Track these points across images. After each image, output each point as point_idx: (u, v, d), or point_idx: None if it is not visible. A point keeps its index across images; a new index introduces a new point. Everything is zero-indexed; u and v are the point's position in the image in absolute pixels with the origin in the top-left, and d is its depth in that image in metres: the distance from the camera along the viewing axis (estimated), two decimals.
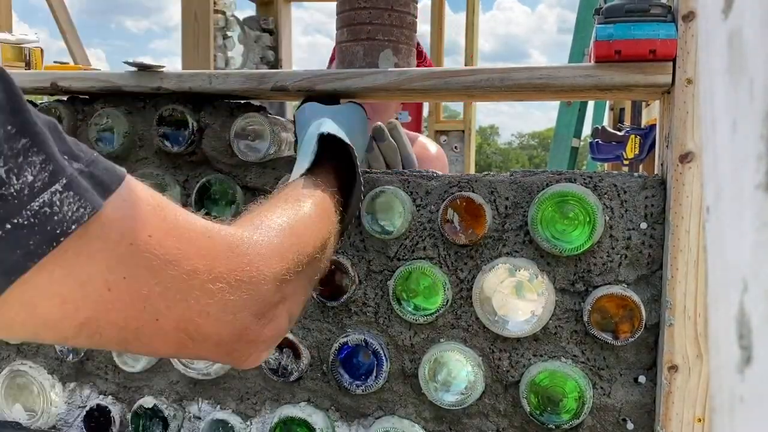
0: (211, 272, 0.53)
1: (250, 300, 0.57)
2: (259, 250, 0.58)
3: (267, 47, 3.38)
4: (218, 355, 0.58)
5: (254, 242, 0.59)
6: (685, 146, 0.76)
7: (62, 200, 0.43)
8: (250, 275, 0.56)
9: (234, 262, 0.56)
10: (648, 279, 0.81)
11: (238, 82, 0.90)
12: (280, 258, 0.60)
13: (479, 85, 0.83)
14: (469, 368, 0.85)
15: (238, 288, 0.55)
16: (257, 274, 0.57)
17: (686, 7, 0.75)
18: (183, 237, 0.52)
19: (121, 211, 0.48)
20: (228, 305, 0.55)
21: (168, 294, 0.51)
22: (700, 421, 0.77)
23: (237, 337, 0.57)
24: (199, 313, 0.53)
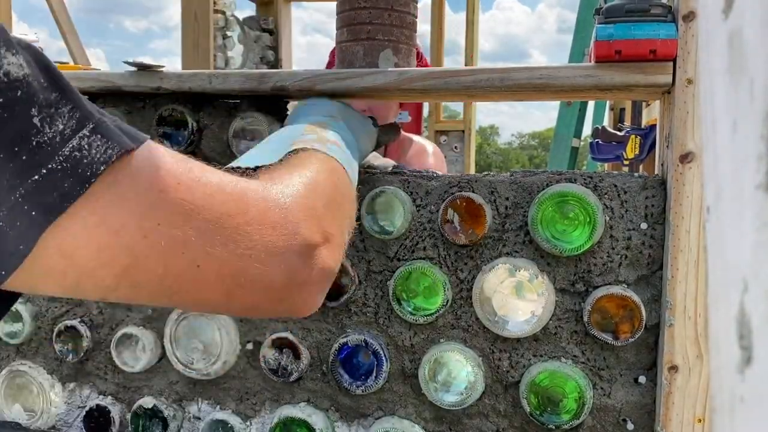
0: (245, 215, 0.54)
1: (291, 239, 0.56)
2: (288, 196, 0.59)
3: (267, 47, 3.38)
4: (272, 303, 0.58)
5: (281, 191, 0.59)
6: (685, 146, 0.76)
7: (90, 144, 0.46)
8: (285, 217, 0.57)
9: (266, 205, 0.56)
10: (648, 279, 0.81)
11: (238, 82, 0.90)
12: (309, 201, 0.60)
13: (479, 85, 0.83)
14: (469, 368, 0.85)
15: (275, 229, 0.55)
16: (292, 216, 0.57)
17: (686, 7, 0.75)
18: (211, 184, 0.53)
19: (148, 160, 0.50)
20: (269, 246, 0.55)
21: (205, 237, 0.51)
22: (700, 421, 0.77)
23: (286, 279, 0.56)
24: (240, 256, 0.53)
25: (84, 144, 0.46)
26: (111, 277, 0.49)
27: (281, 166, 0.67)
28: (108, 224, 0.47)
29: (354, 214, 0.73)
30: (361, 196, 0.89)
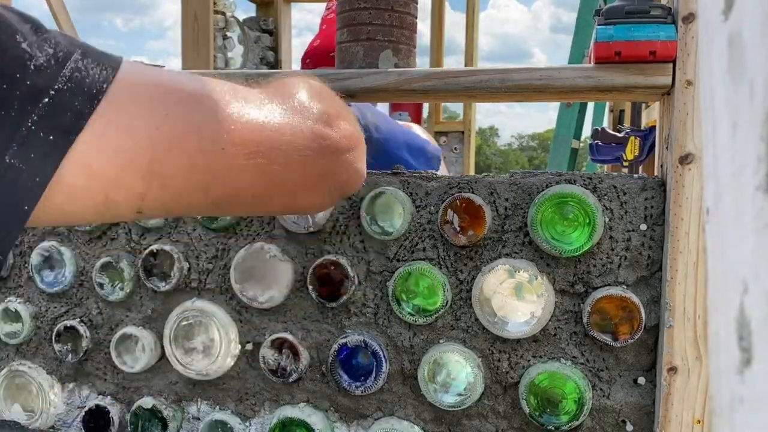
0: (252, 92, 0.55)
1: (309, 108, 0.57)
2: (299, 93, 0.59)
3: (267, 48, 3.38)
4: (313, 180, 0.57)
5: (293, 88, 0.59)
6: (684, 148, 0.76)
7: (86, 66, 0.47)
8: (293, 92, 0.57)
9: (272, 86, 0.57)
10: (648, 280, 0.81)
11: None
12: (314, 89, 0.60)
13: (479, 86, 0.83)
14: (468, 369, 0.85)
15: (289, 99, 0.56)
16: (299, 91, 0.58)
17: (686, 9, 0.75)
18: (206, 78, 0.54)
19: (136, 68, 0.51)
20: (289, 112, 0.55)
21: (219, 116, 0.51)
22: (699, 422, 0.77)
23: (317, 145, 0.56)
24: (262, 126, 0.53)
25: (81, 66, 0.47)
26: (138, 180, 0.48)
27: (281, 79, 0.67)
28: (118, 128, 0.47)
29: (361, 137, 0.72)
30: (361, 196, 0.89)
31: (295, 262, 0.92)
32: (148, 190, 0.49)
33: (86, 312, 1.02)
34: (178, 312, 0.95)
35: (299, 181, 0.56)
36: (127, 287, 0.98)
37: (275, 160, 0.53)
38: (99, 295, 1.00)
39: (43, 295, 1.03)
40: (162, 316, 0.97)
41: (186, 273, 0.96)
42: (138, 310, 0.99)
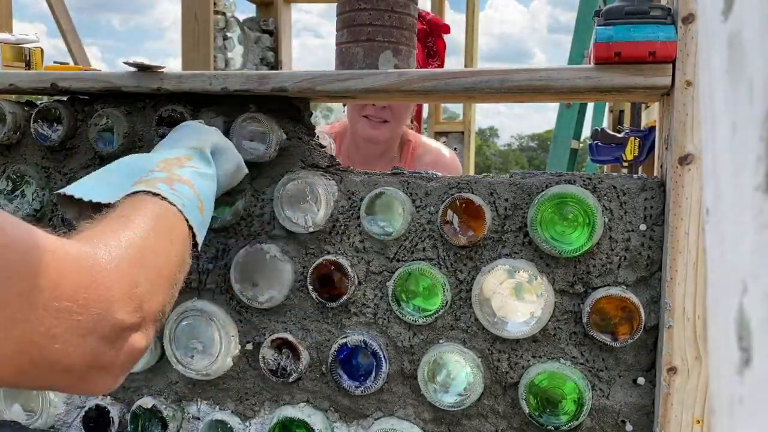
0: (56, 289, 0.50)
1: (101, 321, 0.52)
2: (108, 267, 0.54)
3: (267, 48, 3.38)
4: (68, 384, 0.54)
5: (103, 259, 0.54)
6: (684, 148, 0.76)
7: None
8: (99, 294, 0.52)
9: (82, 280, 0.52)
10: (647, 281, 0.81)
11: (238, 82, 0.90)
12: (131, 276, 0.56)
13: (479, 87, 0.83)
14: (468, 369, 0.85)
15: (86, 308, 0.51)
16: (107, 293, 0.53)
17: (686, 9, 0.75)
18: (25, 251, 0.49)
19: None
20: (75, 327, 0.51)
21: (7, 311, 0.47)
22: (699, 422, 0.77)
23: (88, 363, 0.52)
24: (43, 335, 0.49)
25: None
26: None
27: (109, 221, 0.62)
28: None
29: (188, 261, 0.69)
30: (361, 197, 0.89)
31: (295, 262, 0.92)
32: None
33: None
34: (178, 312, 0.95)
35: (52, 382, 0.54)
36: None
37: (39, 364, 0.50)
38: None
39: None
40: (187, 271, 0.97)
41: (186, 273, 0.96)
42: None
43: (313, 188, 0.90)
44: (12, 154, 1.03)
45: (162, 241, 0.64)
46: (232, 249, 0.95)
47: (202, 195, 0.74)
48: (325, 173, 0.92)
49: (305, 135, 0.93)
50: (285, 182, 0.91)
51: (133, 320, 0.55)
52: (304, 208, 0.91)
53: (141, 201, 0.67)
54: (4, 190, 1.01)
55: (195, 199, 0.72)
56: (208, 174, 0.78)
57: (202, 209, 0.73)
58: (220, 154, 0.84)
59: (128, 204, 0.66)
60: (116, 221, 0.62)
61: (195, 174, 0.76)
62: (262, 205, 0.94)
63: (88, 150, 0.99)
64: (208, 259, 0.96)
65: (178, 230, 0.68)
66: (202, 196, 0.74)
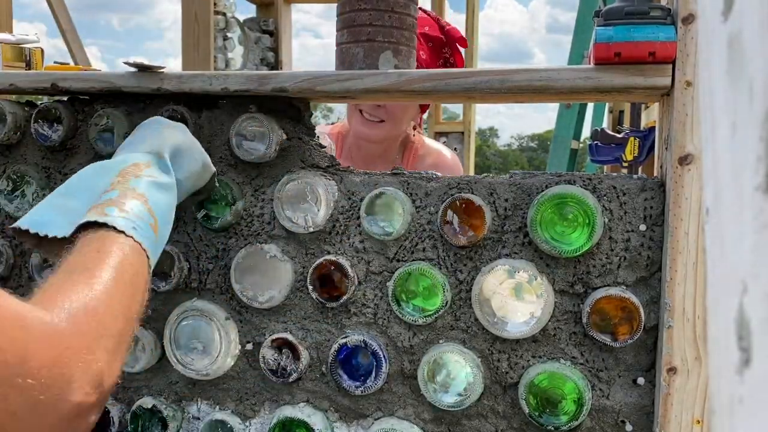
0: (22, 366, 0.50)
1: (61, 402, 0.53)
2: (71, 343, 0.55)
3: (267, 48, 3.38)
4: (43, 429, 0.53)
5: (66, 332, 0.55)
6: (684, 148, 0.76)
7: None
8: (62, 374, 0.53)
9: (47, 357, 0.52)
10: (647, 281, 0.81)
11: (239, 83, 0.90)
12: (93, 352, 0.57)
13: (479, 87, 0.83)
14: (468, 369, 0.86)
15: (48, 387, 0.52)
16: (68, 372, 0.53)
17: (686, 10, 0.75)
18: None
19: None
20: (37, 406, 0.51)
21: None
22: (698, 423, 0.77)
23: (73, 410, 0.53)
24: (4, 412, 0.49)
25: None
26: None
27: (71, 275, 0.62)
28: None
29: (147, 294, 0.70)
30: (361, 197, 0.89)
31: (295, 262, 0.92)
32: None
33: None
34: (178, 312, 0.95)
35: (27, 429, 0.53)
36: None
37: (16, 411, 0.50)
38: None
39: None
40: (162, 316, 0.97)
41: (186, 273, 0.96)
42: None
43: (313, 188, 0.90)
44: (12, 154, 1.03)
45: (126, 299, 0.65)
46: (232, 249, 0.95)
47: (156, 210, 0.74)
48: (325, 173, 0.92)
49: (305, 135, 0.93)
50: (285, 182, 0.91)
51: (91, 400, 0.56)
52: (304, 208, 0.91)
53: (102, 242, 0.67)
54: (4, 190, 1.01)
55: (148, 217, 0.72)
56: (165, 184, 0.77)
57: (155, 227, 0.73)
58: (183, 156, 0.83)
59: (91, 246, 0.66)
60: (79, 275, 0.62)
61: (151, 185, 0.75)
62: (262, 205, 0.94)
63: (88, 150, 0.99)
64: (208, 259, 0.96)
65: (138, 270, 0.68)
66: (156, 211, 0.74)
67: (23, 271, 1.04)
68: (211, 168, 0.87)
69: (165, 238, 0.76)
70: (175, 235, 0.97)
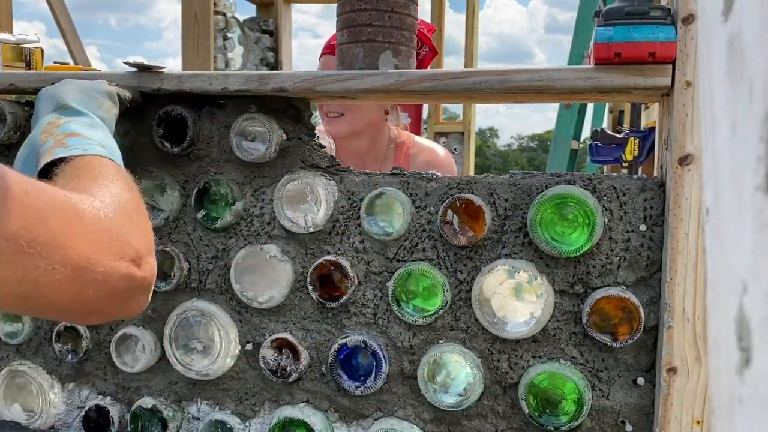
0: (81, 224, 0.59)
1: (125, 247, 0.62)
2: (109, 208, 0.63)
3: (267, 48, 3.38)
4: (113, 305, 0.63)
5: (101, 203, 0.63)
6: (684, 149, 0.76)
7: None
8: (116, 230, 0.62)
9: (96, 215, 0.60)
10: (647, 281, 0.81)
11: (239, 83, 0.90)
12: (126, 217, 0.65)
13: (479, 87, 0.83)
14: (468, 370, 0.85)
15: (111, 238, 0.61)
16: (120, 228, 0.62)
17: (686, 10, 0.75)
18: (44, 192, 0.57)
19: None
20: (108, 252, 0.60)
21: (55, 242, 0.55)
22: (698, 423, 0.77)
23: (126, 284, 0.61)
24: (88, 259, 0.58)
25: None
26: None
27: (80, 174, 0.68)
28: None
29: None
30: (361, 197, 0.89)
31: (295, 262, 0.92)
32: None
33: None
34: (178, 312, 0.95)
35: (104, 306, 0.62)
36: None
37: (90, 286, 0.59)
38: None
39: None
40: (162, 316, 0.97)
41: (186, 273, 0.96)
42: None
43: (313, 188, 0.90)
44: (12, 154, 1.03)
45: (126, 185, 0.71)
46: (232, 249, 0.95)
47: (94, 138, 0.77)
48: (325, 173, 0.92)
49: (305, 135, 0.93)
50: (285, 182, 0.91)
51: (144, 248, 0.65)
52: (304, 208, 0.91)
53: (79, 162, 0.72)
54: None
55: (90, 143, 0.75)
56: (85, 121, 0.79)
57: (102, 146, 0.77)
58: (87, 99, 0.83)
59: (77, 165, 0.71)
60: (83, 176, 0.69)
61: (77, 124, 0.78)
62: (262, 205, 0.94)
63: None
64: (208, 259, 0.96)
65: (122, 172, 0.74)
66: (95, 138, 0.77)
67: None
68: (118, 91, 0.87)
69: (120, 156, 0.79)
70: (175, 235, 0.97)
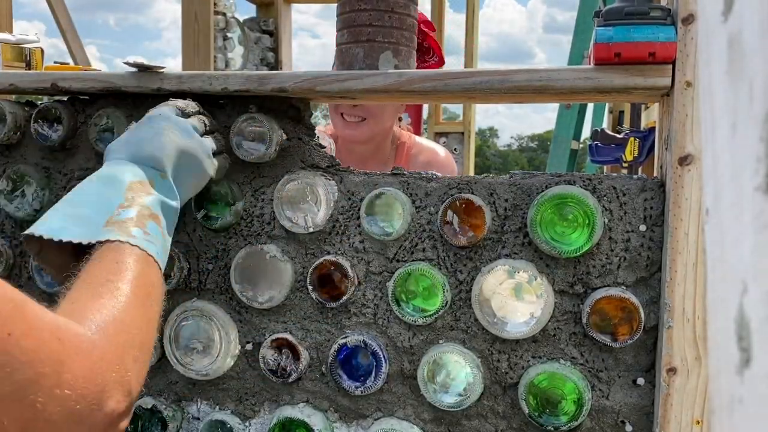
0: (59, 377, 0.53)
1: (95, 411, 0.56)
2: (103, 355, 0.58)
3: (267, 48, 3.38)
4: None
5: (99, 344, 0.58)
6: (684, 149, 0.76)
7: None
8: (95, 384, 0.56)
9: (82, 368, 0.55)
10: (647, 281, 0.81)
11: (239, 83, 0.90)
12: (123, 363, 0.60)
13: (479, 87, 0.83)
14: (468, 370, 0.86)
15: (83, 397, 0.55)
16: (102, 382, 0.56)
17: (686, 10, 0.75)
18: (39, 338, 0.52)
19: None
20: (72, 414, 0.54)
21: (18, 395, 0.51)
22: (698, 423, 0.77)
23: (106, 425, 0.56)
24: (43, 421, 0.52)
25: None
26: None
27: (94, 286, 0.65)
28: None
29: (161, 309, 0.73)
30: (361, 197, 0.89)
31: (295, 262, 0.92)
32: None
33: None
34: (178, 312, 0.95)
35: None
36: None
37: None
38: None
39: (44, 295, 1.03)
40: (162, 316, 0.97)
41: (186, 273, 0.96)
42: None
43: (313, 188, 0.90)
44: (12, 154, 1.03)
45: (146, 310, 0.68)
46: (232, 249, 0.95)
47: (167, 231, 0.76)
48: (325, 173, 0.92)
49: (305, 135, 0.93)
50: (285, 182, 0.91)
51: (122, 408, 0.58)
52: (304, 209, 0.91)
53: (120, 254, 0.69)
54: (4, 190, 1.01)
55: (164, 241, 0.75)
56: (171, 206, 0.78)
57: (166, 249, 0.76)
58: (183, 168, 0.81)
59: (109, 258, 0.68)
60: (102, 288, 0.65)
61: (160, 205, 0.76)
62: (262, 205, 0.94)
63: (88, 150, 0.99)
64: (208, 259, 0.96)
65: (156, 285, 0.72)
66: (167, 232, 0.76)
67: (23, 271, 1.03)
68: (209, 173, 0.85)
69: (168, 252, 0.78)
70: (175, 236, 0.97)
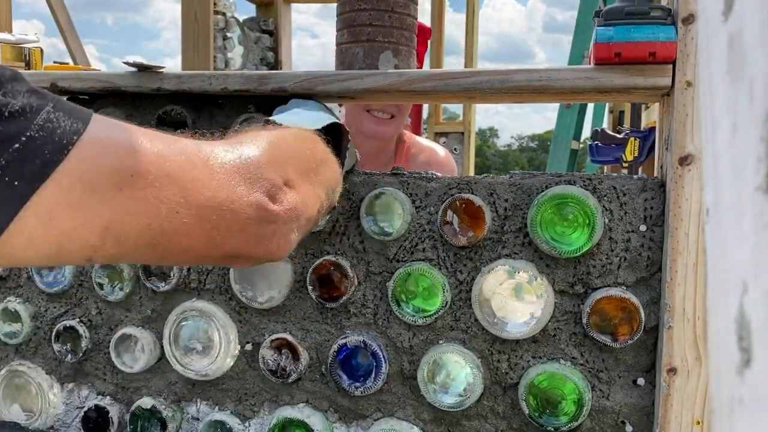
0: (209, 159, 0.57)
1: (257, 180, 0.59)
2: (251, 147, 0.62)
3: (267, 48, 3.38)
4: (248, 245, 0.60)
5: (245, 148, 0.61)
6: (684, 149, 0.76)
7: (57, 117, 0.49)
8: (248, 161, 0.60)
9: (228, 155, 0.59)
10: (647, 281, 0.81)
11: (238, 83, 0.90)
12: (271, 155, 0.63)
13: (479, 87, 0.83)
14: (468, 370, 0.85)
15: (239, 171, 0.58)
16: (255, 161, 0.60)
17: (686, 10, 0.75)
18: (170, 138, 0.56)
19: (105, 125, 0.52)
20: (239, 184, 0.58)
21: (178, 182, 0.54)
22: (699, 423, 0.77)
23: (257, 217, 0.59)
24: (213, 197, 0.56)
25: (53, 117, 0.48)
26: (95, 235, 0.50)
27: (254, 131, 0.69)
28: (84, 184, 0.49)
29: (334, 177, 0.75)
30: (361, 197, 0.89)
31: (295, 263, 0.92)
32: (102, 244, 0.51)
33: (86, 312, 1.02)
34: (178, 312, 0.95)
35: (236, 246, 0.60)
36: (126, 287, 0.98)
37: (219, 226, 0.57)
38: (98, 295, 1.00)
39: (43, 295, 1.03)
40: (161, 316, 0.97)
41: (186, 273, 0.96)
42: (137, 311, 0.99)
43: None
44: None
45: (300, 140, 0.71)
46: None
47: None
48: None
49: None
50: None
51: (280, 180, 0.62)
52: None
53: None
54: None
55: None
56: None
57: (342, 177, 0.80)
58: None
59: None
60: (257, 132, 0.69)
61: None
62: None
63: None
64: None
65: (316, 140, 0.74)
66: None
67: (23, 270, 1.03)
68: None
69: None
70: None
